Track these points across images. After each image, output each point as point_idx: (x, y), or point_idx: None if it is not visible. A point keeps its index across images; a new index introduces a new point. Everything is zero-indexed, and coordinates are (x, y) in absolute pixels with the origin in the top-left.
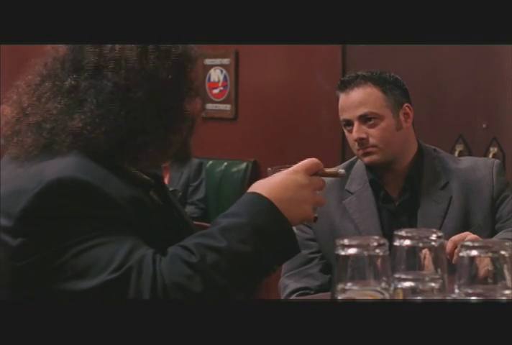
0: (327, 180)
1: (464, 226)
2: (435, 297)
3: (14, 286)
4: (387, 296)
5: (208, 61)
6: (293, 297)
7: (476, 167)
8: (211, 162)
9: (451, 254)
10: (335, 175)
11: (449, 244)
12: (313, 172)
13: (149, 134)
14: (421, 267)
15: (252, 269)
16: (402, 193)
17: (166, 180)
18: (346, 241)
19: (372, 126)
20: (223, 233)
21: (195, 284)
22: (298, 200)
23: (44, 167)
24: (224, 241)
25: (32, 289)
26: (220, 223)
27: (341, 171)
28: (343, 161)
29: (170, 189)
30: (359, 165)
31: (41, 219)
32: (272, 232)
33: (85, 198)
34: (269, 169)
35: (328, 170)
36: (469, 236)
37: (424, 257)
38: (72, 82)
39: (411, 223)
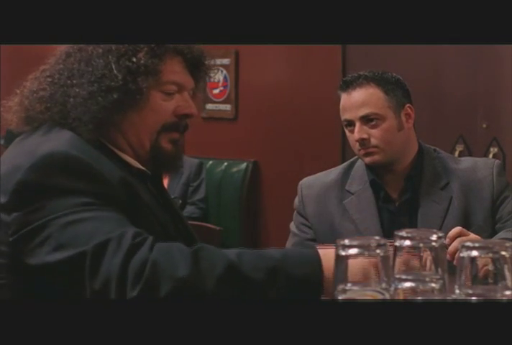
0: (327, 180)
1: (465, 226)
2: (435, 298)
3: (11, 263)
4: (387, 296)
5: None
6: None
7: (476, 167)
8: (211, 162)
9: (452, 237)
10: None
11: (453, 231)
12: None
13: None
14: (422, 268)
15: (245, 293)
16: (402, 193)
17: (166, 181)
18: (346, 242)
19: (373, 127)
20: (242, 254)
21: (179, 270)
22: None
23: (39, 144)
24: (231, 258)
25: (24, 264)
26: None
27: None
28: (343, 161)
29: (172, 197)
30: (360, 165)
31: (31, 192)
32: (296, 275)
33: (76, 173)
34: None
35: None
36: (472, 235)
37: (425, 258)
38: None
39: (412, 224)
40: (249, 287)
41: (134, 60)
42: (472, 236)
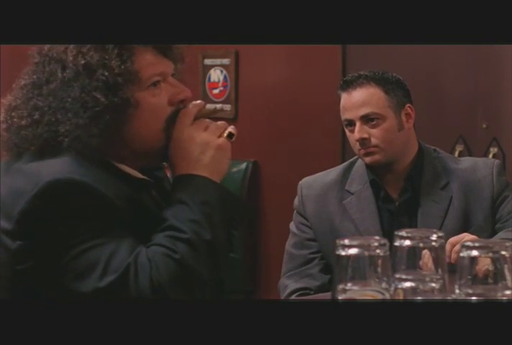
0: (327, 180)
1: (465, 226)
2: (435, 298)
3: (13, 288)
4: (387, 296)
5: (208, 61)
6: (293, 297)
7: (476, 167)
8: None
9: (449, 255)
10: (214, 112)
11: (447, 246)
12: (190, 121)
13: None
14: (422, 267)
15: (217, 242)
16: (402, 193)
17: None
18: (346, 242)
19: (374, 127)
20: (186, 223)
21: (184, 276)
22: (199, 154)
23: (41, 167)
24: (188, 232)
25: (33, 291)
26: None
27: (218, 106)
28: (343, 161)
29: None
30: (360, 165)
31: (39, 221)
32: (202, 192)
33: (83, 199)
34: None
35: (206, 111)
36: (467, 236)
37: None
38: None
39: (411, 224)
40: (214, 240)
41: (107, 73)
42: (464, 236)
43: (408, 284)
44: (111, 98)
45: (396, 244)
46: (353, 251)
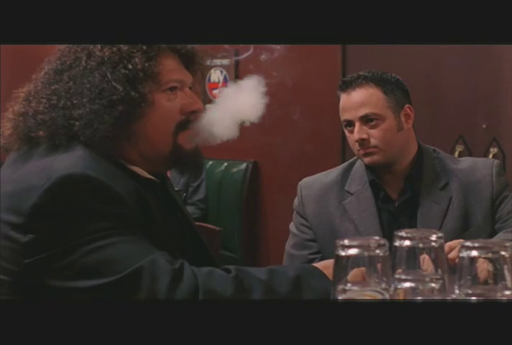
0: (326, 180)
1: (464, 226)
2: (435, 298)
3: (21, 282)
4: (387, 296)
5: (208, 61)
6: None
7: (476, 167)
8: (211, 162)
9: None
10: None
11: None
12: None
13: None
14: (421, 268)
15: None
16: (402, 194)
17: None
18: (346, 242)
19: (373, 127)
20: (268, 270)
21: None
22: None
23: (53, 162)
24: (264, 276)
25: (40, 286)
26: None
27: None
28: (343, 161)
29: (176, 189)
30: (359, 166)
31: (51, 216)
32: (313, 286)
33: (95, 195)
34: None
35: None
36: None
37: (424, 258)
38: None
39: (411, 224)
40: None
41: (130, 66)
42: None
43: (408, 284)
44: (129, 91)
45: (396, 244)
46: (353, 251)
